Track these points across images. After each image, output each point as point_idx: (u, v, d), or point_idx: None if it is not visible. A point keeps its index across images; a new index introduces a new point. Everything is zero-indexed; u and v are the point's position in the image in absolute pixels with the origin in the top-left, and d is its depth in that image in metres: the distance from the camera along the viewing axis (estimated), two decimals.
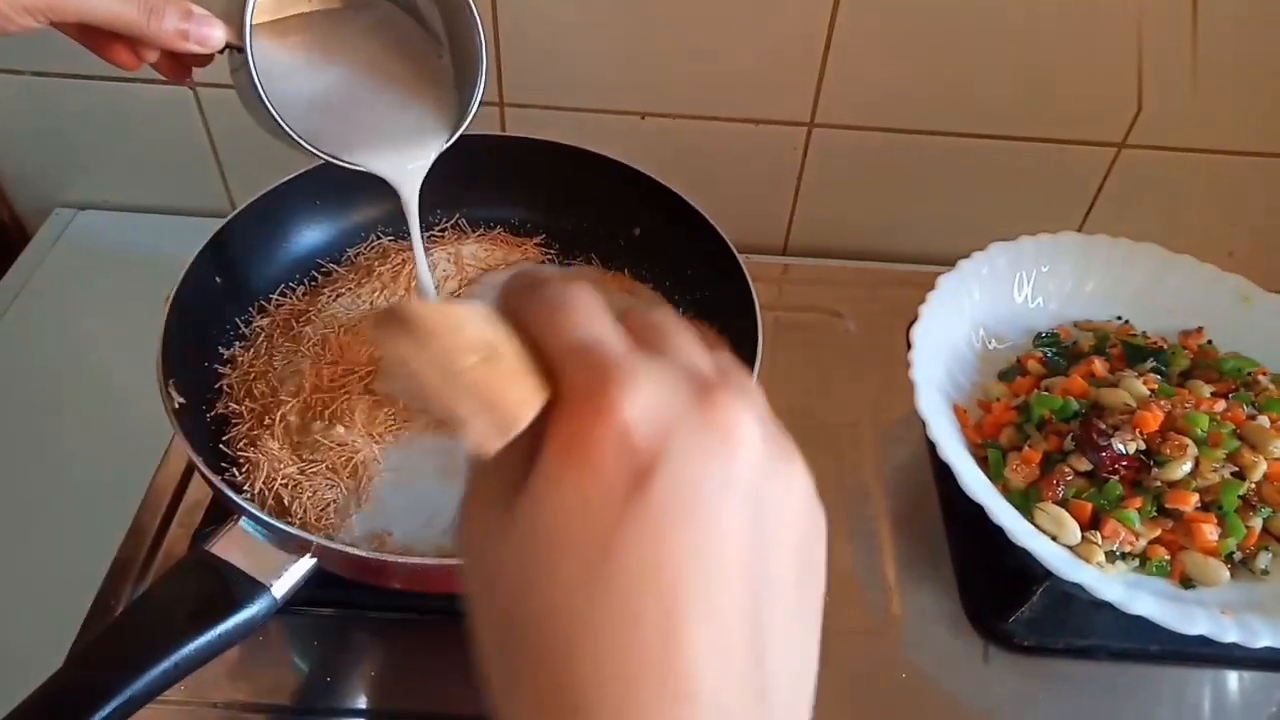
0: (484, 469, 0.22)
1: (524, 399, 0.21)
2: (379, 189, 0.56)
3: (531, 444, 0.21)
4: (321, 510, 0.53)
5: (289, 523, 0.51)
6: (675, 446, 0.20)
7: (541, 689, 0.20)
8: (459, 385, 0.20)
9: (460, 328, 0.21)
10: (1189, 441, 0.55)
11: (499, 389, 0.20)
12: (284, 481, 0.53)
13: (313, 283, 0.67)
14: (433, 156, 0.53)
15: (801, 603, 0.23)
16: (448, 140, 0.53)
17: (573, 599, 0.20)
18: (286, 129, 0.47)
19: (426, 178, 0.55)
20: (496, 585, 0.21)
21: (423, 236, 0.55)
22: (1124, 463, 0.55)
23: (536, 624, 0.20)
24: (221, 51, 0.46)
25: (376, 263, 0.66)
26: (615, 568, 0.19)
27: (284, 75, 0.49)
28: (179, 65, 0.47)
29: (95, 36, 0.44)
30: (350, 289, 0.65)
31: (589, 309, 0.22)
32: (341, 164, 0.50)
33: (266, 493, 0.53)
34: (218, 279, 0.60)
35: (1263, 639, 0.49)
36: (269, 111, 0.46)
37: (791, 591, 0.22)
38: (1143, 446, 0.55)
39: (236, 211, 0.61)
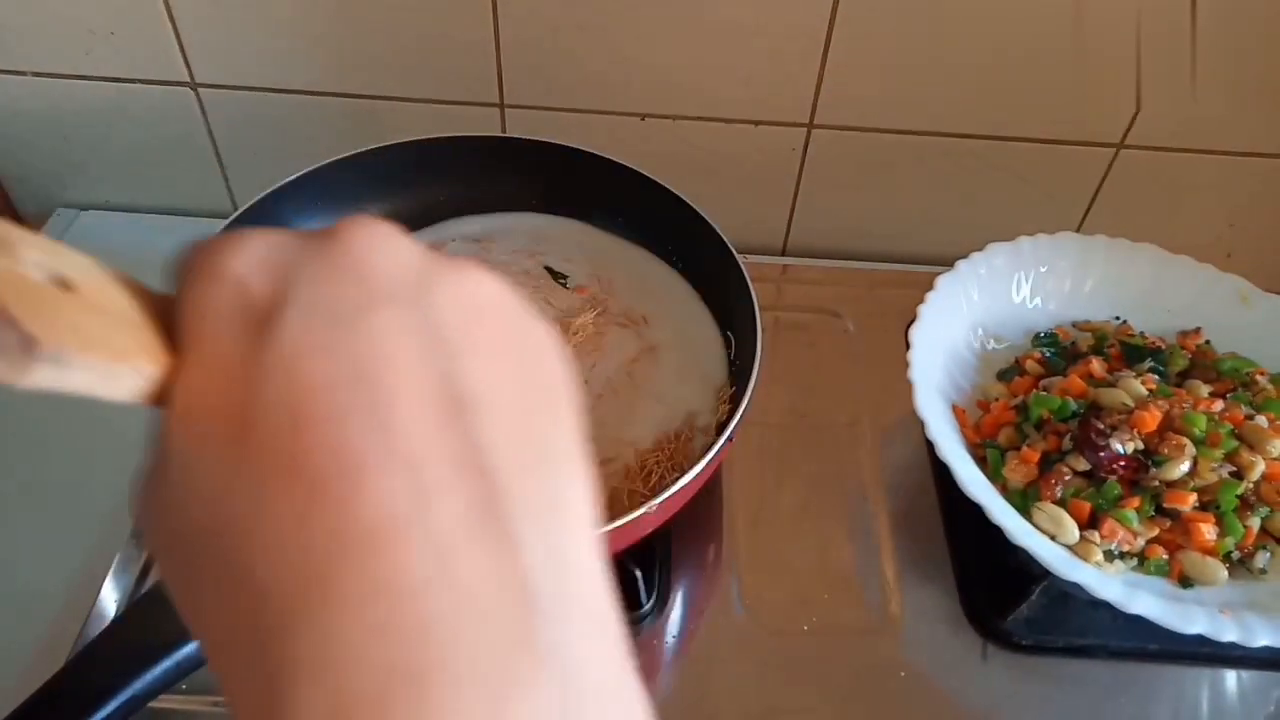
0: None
1: (92, 327, 0.17)
2: (381, 189, 0.56)
3: None
4: None
5: None
6: (297, 283, 0.18)
7: (228, 598, 0.17)
8: None
9: (21, 245, 0.17)
10: (1187, 441, 0.55)
11: (30, 302, 0.16)
12: None
13: None
14: None
15: (529, 409, 0.19)
16: None
17: (228, 486, 0.17)
18: None
19: (424, 179, 0.55)
20: (157, 515, 0.18)
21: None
22: (1122, 462, 0.55)
23: (204, 534, 0.17)
24: None
25: None
26: (262, 432, 0.16)
27: None
28: None
29: None
30: None
31: (242, 242, 0.19)
32: None
33: None
34: None
35: (1261, 638, 0.49)
36: None
37: (508, 402, 0.19)
38: (1141, 446, 0.55)
39: (238, 212, 0.61)
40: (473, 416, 0.18)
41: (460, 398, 0.18)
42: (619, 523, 0.46)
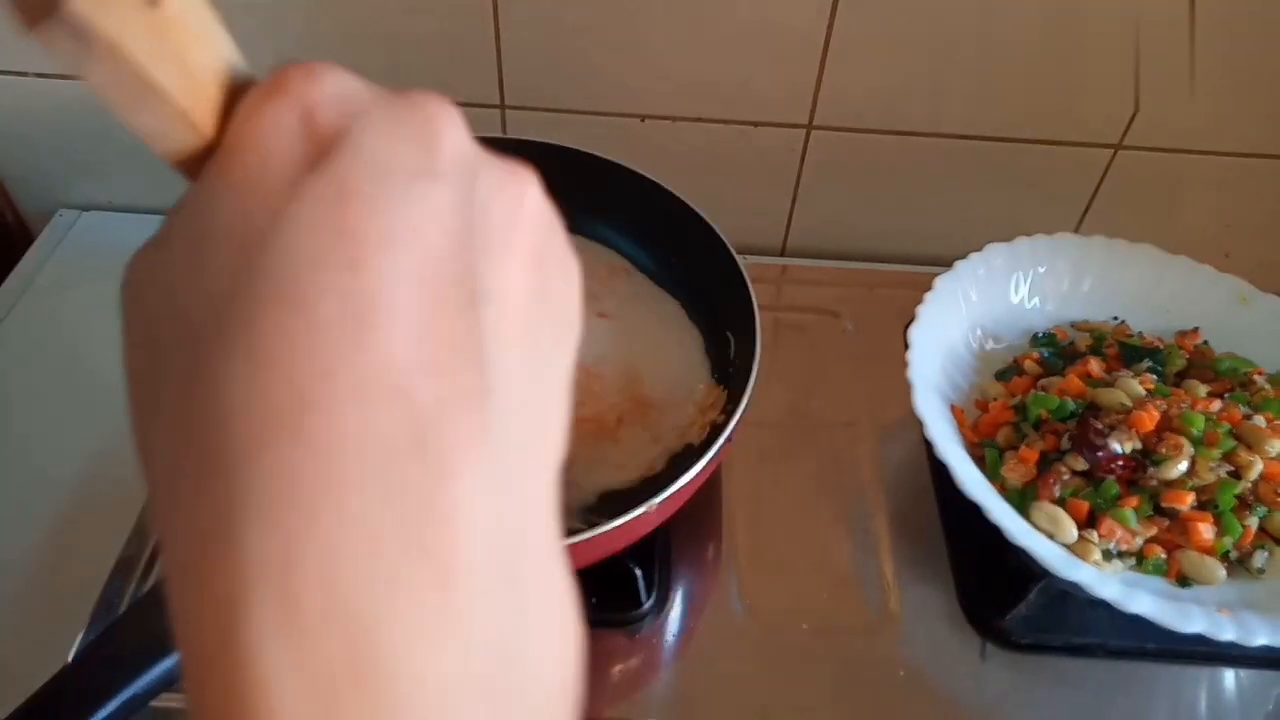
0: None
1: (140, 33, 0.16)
2: None
3: None
4: None
5: None
6: (365, 125, 0.17)
7: (186, 405, 0.16)
8: None
9: None
10: (1185, 441, 0.55)
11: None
12: None
13: None
14: None
15: (537, 328, 0.19)
16: None
17: (223, 290, 0.16)
18: None
19: None
20: (149, 286, 0.18)
21: None
22: (1120, 462, 0.55)
23: (179, 331, 0.16)
24: None
25: None
26: (280, 248, 0.16)
27: None
28: None
29: None
30: None
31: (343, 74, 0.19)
32: None
33: None
34: None
35: (1259, 637, 0.49)
36: None
37: (521, 311, 0.19)
38: (1139, 446, 0.56)
39: None
40: (484, 312, 0.17)
41: (477, 291, 0.17)
42: (619, 522, 0.46)
